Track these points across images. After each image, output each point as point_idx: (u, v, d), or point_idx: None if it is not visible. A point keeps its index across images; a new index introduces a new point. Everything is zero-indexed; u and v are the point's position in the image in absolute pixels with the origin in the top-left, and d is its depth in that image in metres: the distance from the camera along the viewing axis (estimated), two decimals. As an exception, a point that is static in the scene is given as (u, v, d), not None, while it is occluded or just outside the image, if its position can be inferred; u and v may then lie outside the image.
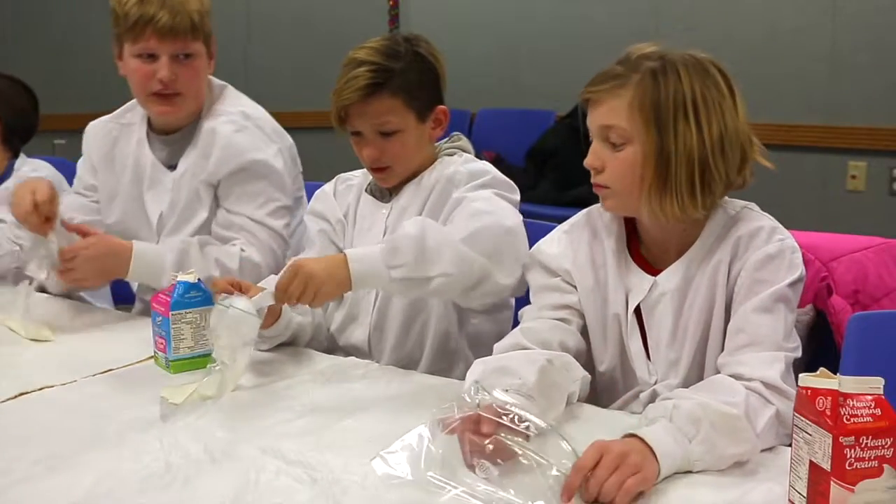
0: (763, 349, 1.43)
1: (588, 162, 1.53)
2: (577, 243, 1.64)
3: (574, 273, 1.62)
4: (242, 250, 2.07)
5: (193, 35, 2.07)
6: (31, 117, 2.63)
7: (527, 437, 1.24)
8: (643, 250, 1.60)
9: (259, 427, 1.49)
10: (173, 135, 2.18)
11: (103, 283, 2.19)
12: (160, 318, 1.76)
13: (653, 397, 1.55)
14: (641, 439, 1.27)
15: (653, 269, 1.58)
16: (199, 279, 1.78)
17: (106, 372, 1.76)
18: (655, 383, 1.56)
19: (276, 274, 1.97)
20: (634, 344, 1.58)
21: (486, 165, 1.89)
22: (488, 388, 1.30)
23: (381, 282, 1.65)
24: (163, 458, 1.37)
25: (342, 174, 2.07)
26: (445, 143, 2.00)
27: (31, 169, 2.51)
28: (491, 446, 1.23)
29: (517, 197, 1.85)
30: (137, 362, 1.81)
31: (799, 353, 1.47)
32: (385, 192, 1.96)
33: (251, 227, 2.11)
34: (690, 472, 1.30)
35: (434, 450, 1.24)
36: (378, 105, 1.82)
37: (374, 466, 1.24)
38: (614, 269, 1.60)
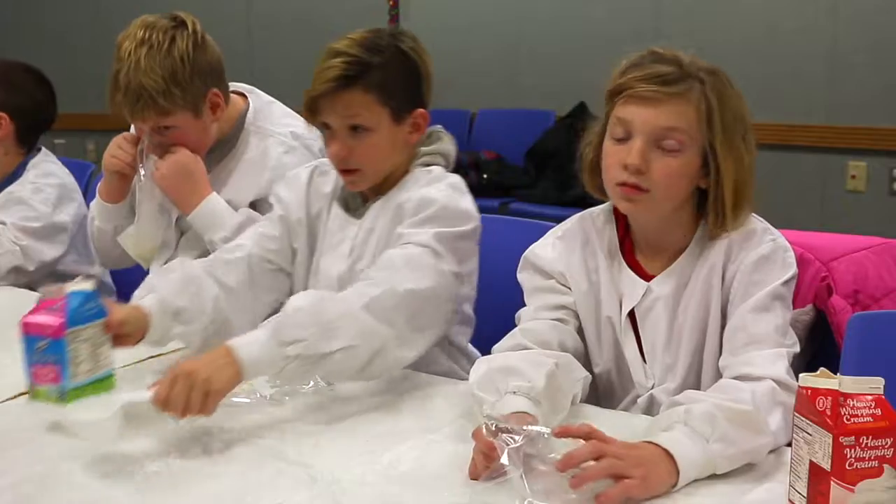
0: (765, 347, 1.43)
1: (633, 161, 1.46)
2: (571, 248, 1.64)
3: (568, 277, 1.62)
4: None
5: (160, 112, 2.01)
6: (47, 109, 2.59)
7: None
8: (637, 253, 1.60)
9: (259, 427, 1.49)
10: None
11: (168, 190, 2.13)
12: (44, 341, 1.45)
13: (651, 402, 1.55)
14: (658, 445, 1.26)
15: (646, 272, 1.58)
16: (96, 288, 1.53)
17: (106, 372, 1.76)
18: (653, 387, 1.56)
19: None
20: (630, 348, 1.58)
21: (438, 190, 1.73)
22: (498, 420, 1.28)
23: (275, 365, 1.48)
24: (163, 458, 1.37)
25: (321, 163, 1.91)
26: (423, 141, 1.85)
27: (35, 175, 2.49)
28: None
29: (469, 227, 1.72)
30: (137, 362, 1.81)
31: (797, 349, 1.48)
32: (358, 201, 1.85)
33: None
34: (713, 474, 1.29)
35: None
36: (349, 99, 1.71)
37: None
38: (607, 273, 1.59)
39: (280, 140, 2.16)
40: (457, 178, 1.80)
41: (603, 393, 1.64)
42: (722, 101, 1.47)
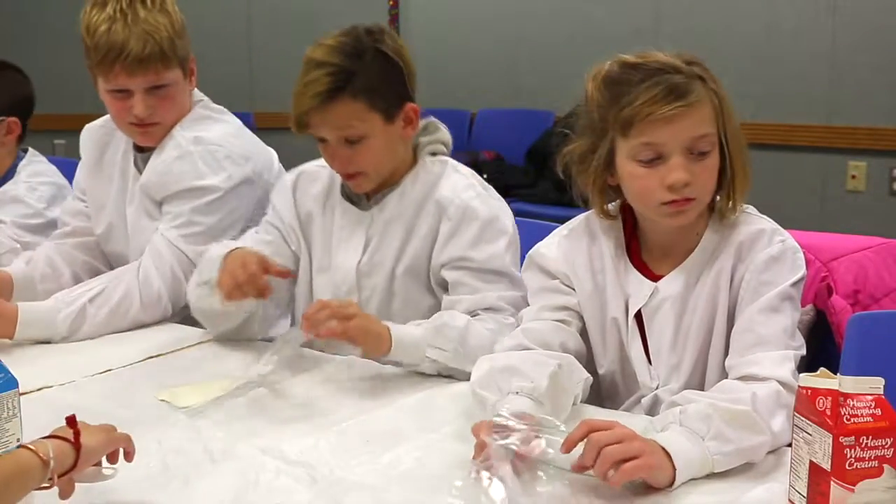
0: (772, 348, 1.43)
1: (682, 178, 1.45)
2: (576, 248, 1.63)
3: (573, 277, 1.62)
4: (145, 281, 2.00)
5: (165, 64, 1.97)
6: (32, 102, 2.59)
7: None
8: (644, 254, 1.60)
9: (259, 427, 1.49)
10: (148, 152, 2.12)
11: None
12: None
13: (655, 402, 1.55)
14: (656, 444, 1.27)
15: (653, 273, 1.58)
16: None
17: (105, 372, 1.76)
18: (657, 388, 1.56)
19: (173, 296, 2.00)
20: (635, 349, 1.58)
21: (473, 198, 1.80)
22: (506, 417, 1.29)
23: (416, 355, 1.67)
24: (162, 459, 1.37)
25: (306, 168, 1.95)
26: (420, 133, 1.88)
27: (28, 175, 2.49)
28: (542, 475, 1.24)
29: (505, 237, 1.79)
30: (137, 362, 1.81)
31: (803, 352, 1.48)
32: (362, 195, 1.87)
33: (160, 243, 2.03)
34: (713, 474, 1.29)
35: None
36: (339, 110, 1.72)
37: None
38: (613, 274, 1.59)
39: (176, 143, 2.06)
40: (469, 172, 1.88)
41: (606, 394, 1.64)
42: (720, 87, 1.49)
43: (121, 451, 1.26)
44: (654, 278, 1.57)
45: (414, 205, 1.83)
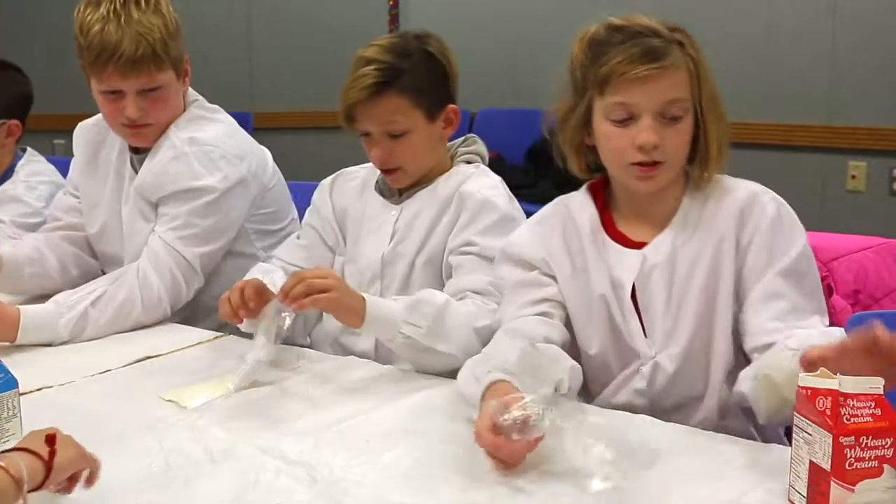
0: (812, 313, 1.48)
1: (650, 140, 1.48)
2: (550, 233, 1.65)
3: (550, 261, 1.63)
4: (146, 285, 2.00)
5: (158, 66, 1.96)
6: (31, 98, 2.60)
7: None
8: (620, 224, 1.60)
9: (259, 427, 1.49)
10: (143, 152, 2.12)
11: None
12: None
13: (655, 369, 1.55)
14: None
15: (631, 241, 1.58)
16: None
17: (105, 372, 1.76)
18: (655, 355, 1.56)
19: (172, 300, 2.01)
20: (632, 320, 1.58)
21: (496, 195, 1.87)
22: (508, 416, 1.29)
23: (391, 331, 1.67)
24: (163, 459, 1.37)
25: (346, 168, 2.06)
26: (460, 144, 1.99)
27: (26, 174, 2.50)
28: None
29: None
30: (137, 362, 1.81)
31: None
32: (395, 190, 1.95)
33: (157, 245, 2.03)
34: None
35: None
36: (385, 104, 1.81)
37: None
38: (592, 251, 1.60)
39: (171, 144, 2.06)
40: (498, 179, 1.94)
41: (594, 375, 1.62)
42: (699, 54, 1.52)
43: (84, 473, 1.22)
44: (634, 246, 1.58)
45: (442, 200, 1.89)
